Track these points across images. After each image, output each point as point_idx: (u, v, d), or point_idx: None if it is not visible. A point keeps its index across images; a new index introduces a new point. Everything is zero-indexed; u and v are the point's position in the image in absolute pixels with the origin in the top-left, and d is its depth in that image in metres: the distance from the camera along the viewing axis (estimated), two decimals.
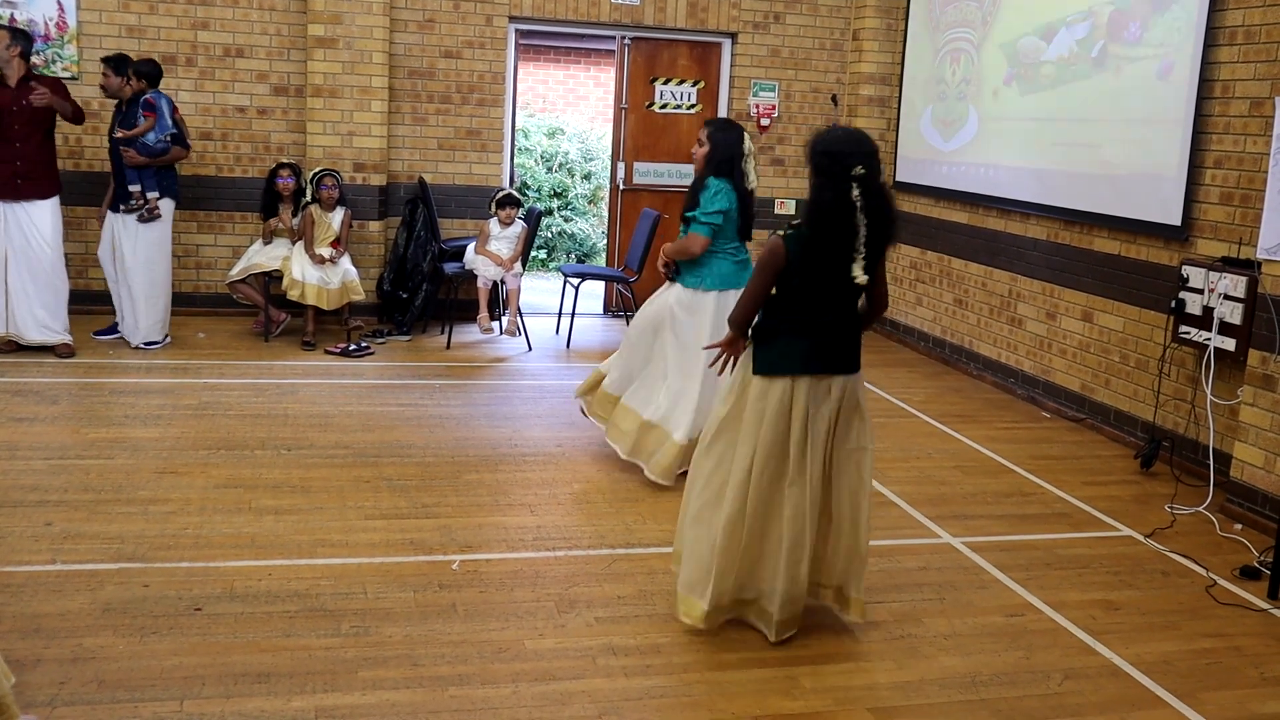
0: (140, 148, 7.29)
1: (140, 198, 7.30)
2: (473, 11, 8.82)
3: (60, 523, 4.54)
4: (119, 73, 7.33)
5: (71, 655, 3.50)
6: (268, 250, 8.01)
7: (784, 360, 3.79)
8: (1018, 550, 4.83)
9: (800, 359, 3.78)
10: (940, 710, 3.50)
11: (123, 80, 7.34)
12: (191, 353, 7.48)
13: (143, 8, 8.27)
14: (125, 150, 7.26)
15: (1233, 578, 4.65)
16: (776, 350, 3.81)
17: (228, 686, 3.37)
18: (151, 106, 7.35)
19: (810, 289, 3.78)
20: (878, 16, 9.27)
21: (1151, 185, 6.28)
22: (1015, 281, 7.63)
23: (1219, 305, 5.55)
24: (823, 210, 3.70)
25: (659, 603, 4.10)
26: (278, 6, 8.47)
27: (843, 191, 3.66)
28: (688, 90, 9.51)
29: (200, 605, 3.88)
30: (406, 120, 8.85)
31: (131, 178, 7.29)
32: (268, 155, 8.57)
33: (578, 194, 13.09)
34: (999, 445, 6.36)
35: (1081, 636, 4.04)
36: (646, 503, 5.14)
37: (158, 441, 5.62)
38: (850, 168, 3.65)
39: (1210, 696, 3.66)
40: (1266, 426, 5.18)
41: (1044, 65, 7.26)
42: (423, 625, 3.83)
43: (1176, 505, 5.47)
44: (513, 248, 8.23)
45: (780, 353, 3.81)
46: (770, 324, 3.84)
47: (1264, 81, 5.60)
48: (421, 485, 5.21)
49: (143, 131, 7.29)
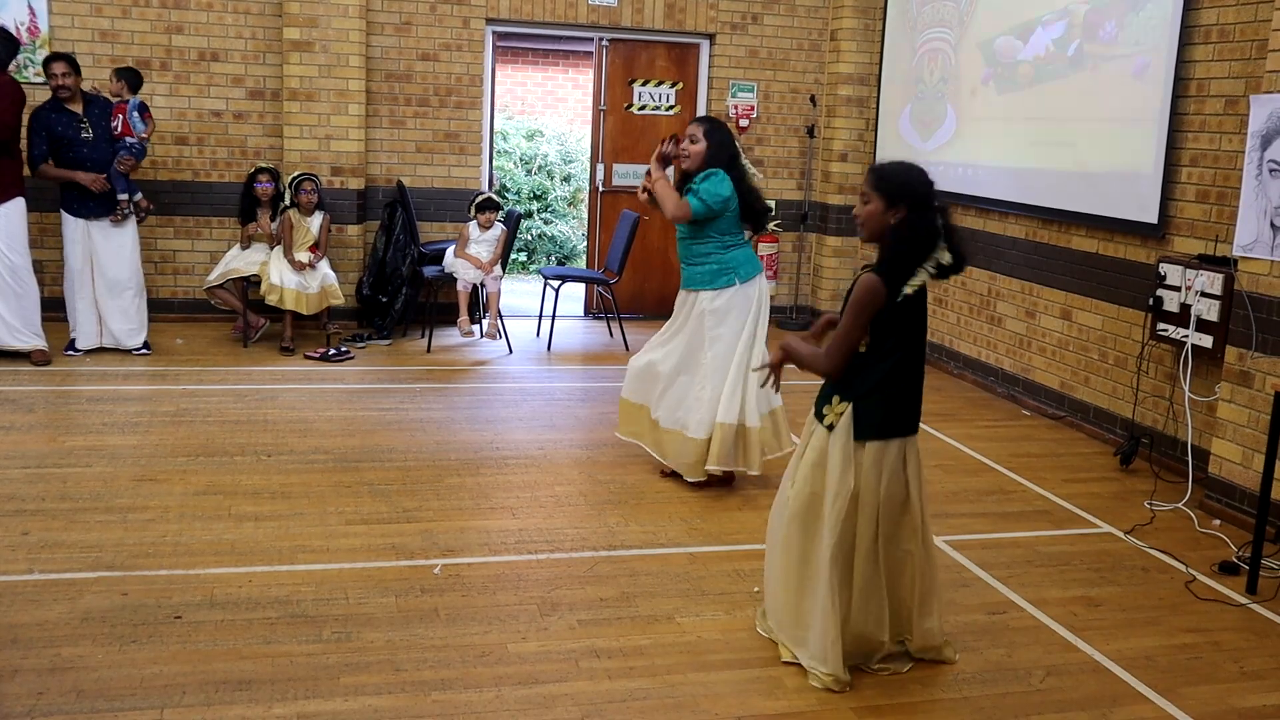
0: (141, 153, 7.28)
1: (128, 204, 7.27)
2: (449, 14, 8.80)
3: (37, 532, 4.50)
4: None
5: (49, 665, 3.47)
6: (246, 255, 7.97)
7: (892, 420, 3.49)
8: (999, 548, 4.84)
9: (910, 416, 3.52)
10: (923, 709, 3.50)
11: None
12: (170, 359, 7.43)
13: (116, 12, 8.22)
14: (126, 158, 7.20)
15: (1212, 573, 4.68)
16: (882, 408, 3.48)
17: (208, 694, 3.35)
18: (148, 108, 7.39)
19: (912, 332, 3.47)
20: (855, 17, 9.29)
21: (1128, 183, 6.31)
22: (994, 280, 7.66)
23: (1196, 302, 5.58)
24: (928, 240, 3.39)
25: (641, 605, 4.10)
26: (253, 10, 8.43)
27: (935, 222, 3.41)
28: (666, 91, 9.52)
29: (180, 613, 3.85)
30: (384, 123, 8.82)
31: (121, 186, 7.23)
32: (244, 160, 8.52)
33: (557, 196, 13.07)
34: (979, 443, 6.39)
35: (1063, 633, 4.06)
36: (628, 505, 5.13)
37: (136, 449, 5.58)
38: (934, 197, 3.44)
39: (1191, 691, 3.68)
40: (1244, 423, 5.22)
41: (1021, 64, 7.29)
42: (405, 630, 3.81)
43: (1156, 502, 5.50)
44: (492, 251, 8.22)
45: (886, 412, 3.48)
46: (870, 376, 3.47)
47: (1238, 80, 5.64)
48: (403, 489, 5.19)
49: (151, 132, 7.33)
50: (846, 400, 3.50)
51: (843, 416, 3.49)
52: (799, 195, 9.71)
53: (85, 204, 7.26)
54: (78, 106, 7.22)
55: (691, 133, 5.25)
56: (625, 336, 8.67)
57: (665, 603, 4.12)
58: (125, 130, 7.28)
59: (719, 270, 5.20)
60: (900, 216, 3.41)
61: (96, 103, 7.32)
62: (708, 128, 5.26)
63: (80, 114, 7.21)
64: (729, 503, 5.21)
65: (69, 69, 7.14)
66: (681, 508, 5.11)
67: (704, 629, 3.93)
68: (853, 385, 3.49)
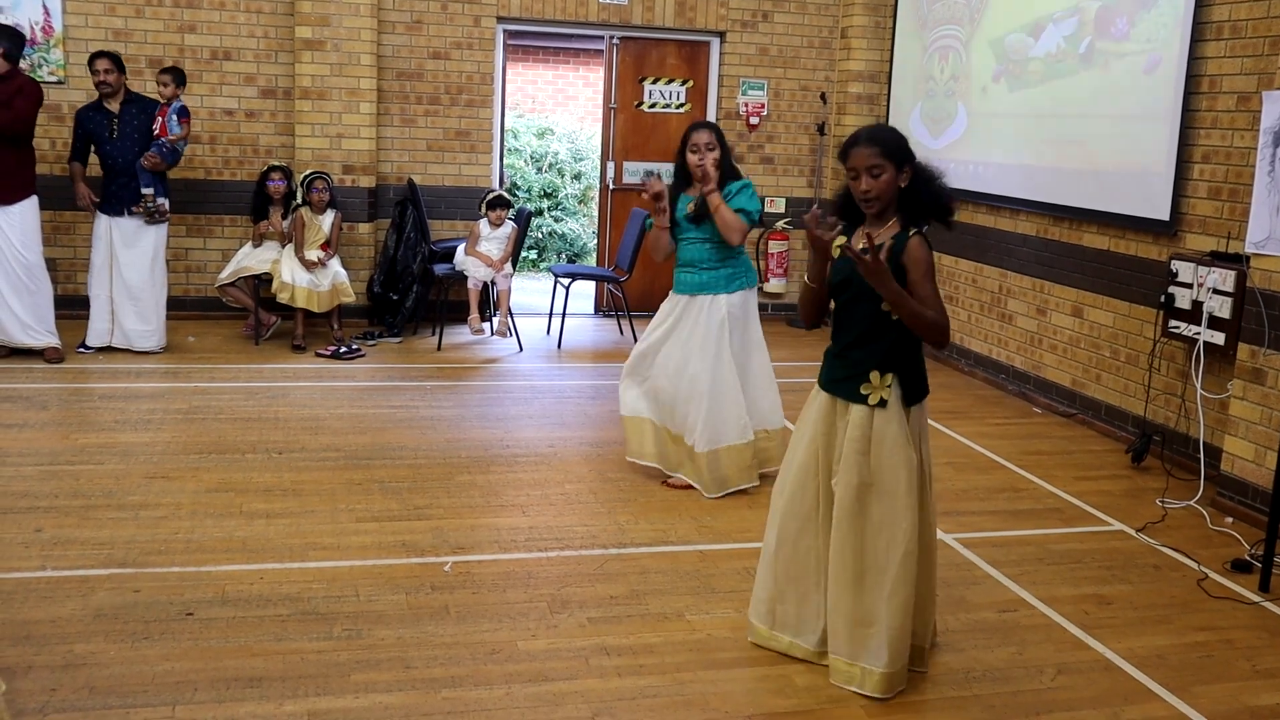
0: (170, 154, 7.30)
1: (151, 200, 7.29)
2: (460, 12, 8.81)
3: (51, 529, 4.52)
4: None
5: (63, 661, 3.49)
6: (257, 253, 8.00)
7: (924, 380, 3.52)
8: (1010, 546, 4.83)
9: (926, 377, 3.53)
10: (933, 706, 3.50)
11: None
12: (182, 357, 7.45)
13: (129, 11, 8.25)
14: (152, 156, 7.22)
15: (1224, 571, 4.66)
16: (918, 372, 3.49)
17: (219, 691, 3.36)
18: (188, 113, 7.42)
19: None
20: (866, 14, 9.28)
21: (1140, 180, 6.29)
22: (1005, 277, 7.64)
23: (1208, 299, 5.56)
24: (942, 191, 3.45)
25: (651, 603, 4.10)
26: (265, 9, 8.45)
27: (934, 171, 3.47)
28: (677, 89, 9.51)
29: (192, 610, 3.87)
30: (395, 122, 8.84)
31: (145, 181, 7.26)
32: (256, 158, 8.55)
33: (568, 194, 13.08)
34: (990, 441, 6.37)
35: (1074, 631, 4.05)
36: (638, 502, 5.14)
37: (148, 446, 5.60)
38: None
39: (1203, 690, 3.67)
40: (1256, 420, 5.20)
41: (1032, 62, 7.27)
42: (415, 627, 3.82)
43: (1167, 499, 5.48)
44: (503, 248, 8.22)
45: (920, 372, 3.50)
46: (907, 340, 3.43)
47: (1251, 76, 5.61)
48: (413, 487, 5.20)
49: (183, 136, 7.38)
50: (889, 371, 3.41)
51: (891, 389, 3.41)
52: (809, 193, 9.70)
53: (108, 202, 7.31)
54: (115, 105, 7.26)
55: (706, 141, 5.11)
56: (635, 334, 8.67)
57: (675, 600, 4.13)
58: (163, 131, 7.30)
59: (734, 274, 5.21)
60: (908, 176, 3.43)
61: (138, 102, 7.35)
62: (717, 133, 5.19)
63: (115, 113, 7.25)
64: (739, 501, 5.21)
65: (112, 65, 7.18)
66: (692, 506, 5.12)
67: (714, 627, 3.93)
68: (891, 355, 3.41)
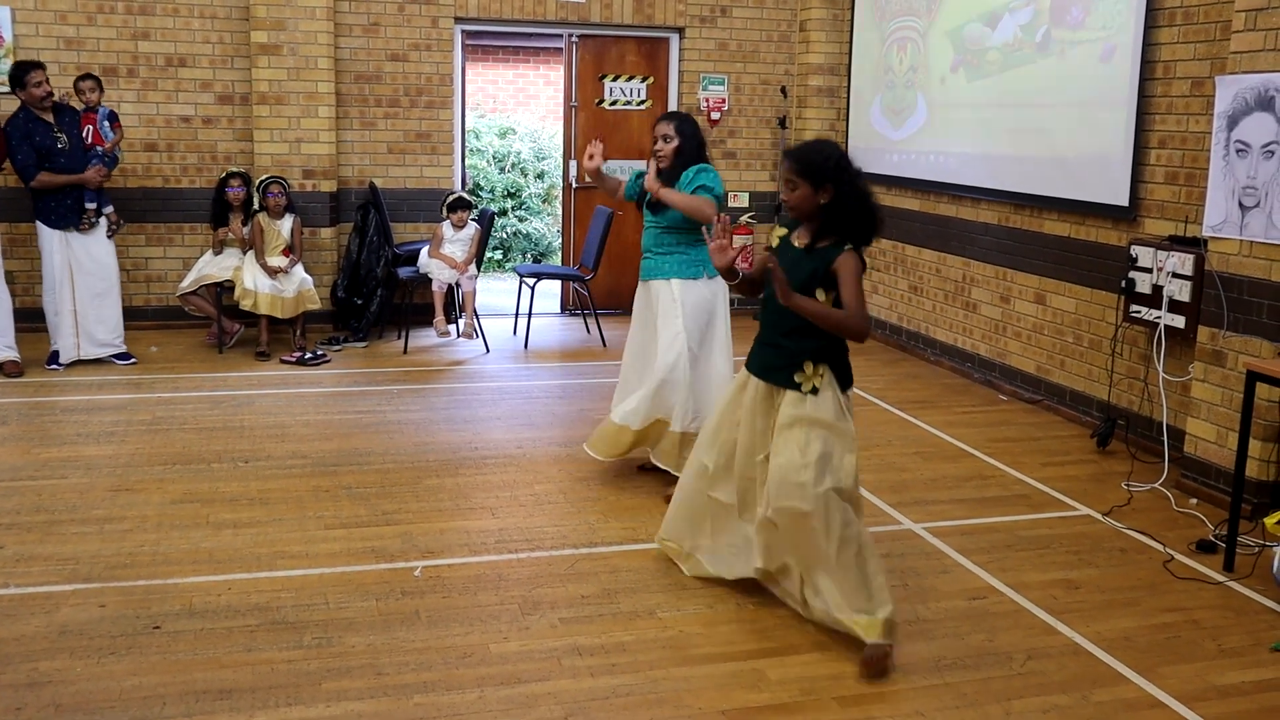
0: (113, 163, 7.22)
1: (95, 213, 7.19)
2: (418, 14, 8.77)
3: (13, 545, 4.46)
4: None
5: (27, 680, 3.44)
6: (219, 260, 7.92)
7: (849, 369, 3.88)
8: (978, 533, 4.86)
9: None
10: (906, 696, 3.52)
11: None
12: (145, 367, 7.38)
13: (80, 19, 8.15)
14: (100, 170, 7.13)
15: (1189, 552, 4.71)
16: (846, 361, 3.85)
17: (189, 704, 3.33)
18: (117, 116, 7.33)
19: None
20: (824, 7, 9.30)
21: (1099, 167, 6.34)
22: (968, 266, 7.69)
23: (1168, 283, 5.61)
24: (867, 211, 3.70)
25: (622, 601, 4.10)
26: (219, 14, 8.37)
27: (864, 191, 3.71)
28: (637, 86, 9.51)
29: (159, 623, 3.83)
30: (355, 125, 8.78)
31: (90, 196, 7.16)
32: (215, 165, 8.47)
33: (531, 193, 13.04)
34: (957, 429, 6.41)
35: (1043, 617, 4.08)
36: (607, 502, 5.13)
37: (112, 459, 5.54)
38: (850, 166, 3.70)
39: (1170, 670, 3.70)
40: (1217, 401, 5.25)
41: (990, 51, 7.32)
42: (386, 634, 3.80)
43: (1133, 483, 5.53)
44: (466, 250, 8.19)
45: (846, 363, 3.86)
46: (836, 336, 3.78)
47: (1204, 61, 5.67)
48: (381, 492, 5.17)
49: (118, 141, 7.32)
50: (823, 362, 3.76)
51: (824, 377, 3.75)
52: (772, 187, 9.72)
53: (63, 215, 7.14)
54: (49, 115, 7.15)
55: (665, 132, 5.16)
56: (602, 332, 8.67)
57: (647, 598, 4.12)
58: (96, 139, 7.22)
59: (686, 260, 5.16)
60: (828, 195, 3.65)
61: (65, 111, 7.25)
62: (678, 123, 5.20)
63: (53, 122, 7.13)
64: None
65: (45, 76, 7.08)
66: (661, 503, 5.09)
67: (686, 624, 3.93)
68: (824, 348, 3.75)
